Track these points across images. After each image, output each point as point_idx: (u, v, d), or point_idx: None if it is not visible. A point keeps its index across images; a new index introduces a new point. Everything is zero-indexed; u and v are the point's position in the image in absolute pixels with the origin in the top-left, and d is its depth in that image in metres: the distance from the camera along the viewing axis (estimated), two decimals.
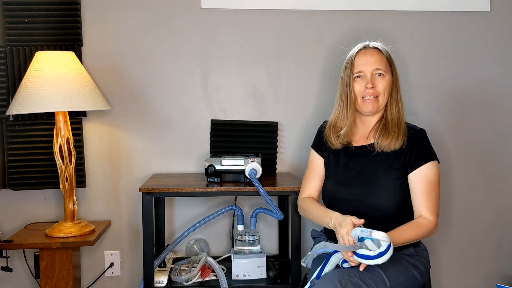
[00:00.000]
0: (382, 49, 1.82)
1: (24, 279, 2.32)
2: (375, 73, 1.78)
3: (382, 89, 1.78)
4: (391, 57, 1.83)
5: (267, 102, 2.35)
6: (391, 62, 1.82)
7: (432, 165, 1.75)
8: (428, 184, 1.74)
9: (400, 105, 1.82)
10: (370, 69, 1.78)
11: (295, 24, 2.33)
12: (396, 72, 1.82)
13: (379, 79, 1.78)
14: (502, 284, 2.15)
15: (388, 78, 1.79)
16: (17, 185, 2.25)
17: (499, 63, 2.40)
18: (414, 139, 1.77)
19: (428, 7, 2.34)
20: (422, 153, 1.76)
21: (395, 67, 1.82)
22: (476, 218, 2.46)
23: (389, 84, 1.79)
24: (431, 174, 1.75)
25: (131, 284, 2.38)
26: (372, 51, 1.81)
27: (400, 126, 1.78)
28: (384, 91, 1.78)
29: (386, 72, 1.78)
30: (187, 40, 2.31)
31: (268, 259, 2.19)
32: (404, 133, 1.77)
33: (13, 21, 2.20)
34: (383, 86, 1.78)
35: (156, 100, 2.32)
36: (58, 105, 1.92)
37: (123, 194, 2.34)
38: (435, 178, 1.75)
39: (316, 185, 1.93)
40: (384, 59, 1.80)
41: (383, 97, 1.79)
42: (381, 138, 1.78)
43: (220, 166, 2.06)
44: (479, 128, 2.42)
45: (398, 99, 1.81)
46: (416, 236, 1.71)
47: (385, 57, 1.80)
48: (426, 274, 1.79)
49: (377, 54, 1.80)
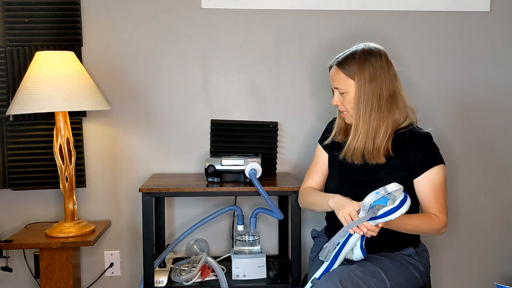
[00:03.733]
0: (343, 66, 1.72)
1: (24, 279, 2.32)
2: (338, 91, 1.76)
3: (347, 106, 1.74)
4: (358, 68, 1.69)
5: (267, 102, 2.35)
6: (354, 76, 1.70)
7: (439, 169, 1.73)
8: (435, 187, 1.72)
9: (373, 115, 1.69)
10: (333, 87, 1.79)
11: (295, 24, 2.33)
12: (363, 83, 1.69)
13: (342, 97, 1.75)
14: (502, 284, 2.15)
15: (351, 94, 1.72)
16: (17, 185, 2.25)
17: (499, 63, 2.40)
18: (418, 143, 1.73)
19: (428, 7, 2.34)
20: (427, 157, 1.73)
21: (362, 78, 1.69)
22: (476, 218, 2.46)
23: (352, 99, 1.72)
24: (437, 178, 1.73)
25: (131, 284, 2.38)
26: (334, 68, 1.77)
27: (366, 135, 1.70)
28: (349, 108, 1.74)
29: (346, 89, 1.72)
30: (187, 40, 2.31)
31: (268, 259, 2.19)
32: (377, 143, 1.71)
33: (13, 21, 2.20)
34: (347, 104, 1.74)
35: (156, 100, 2.32)
36: (58, 105, 1.92)
37: (123, 194, 2.34)
38: (442, 181, 1.73)
39: (319, 179, 1.93)
40: (342, 77, 1.72)
41: (351, 111, 1.74)
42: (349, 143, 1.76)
43: (220, 166, 2.06)
44: (478, 128, 2.42)
45: (368, 110, 1.69)
46: (424, 226, 1.70)
47: (343, 74, 1.72)
48: (426, 274, 1.79)
49: (335, 73, 1.75)
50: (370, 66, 1.70)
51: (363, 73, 1.70)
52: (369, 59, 1.70)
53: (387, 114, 1.71)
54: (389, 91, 1.71)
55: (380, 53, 1.73)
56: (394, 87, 1.73)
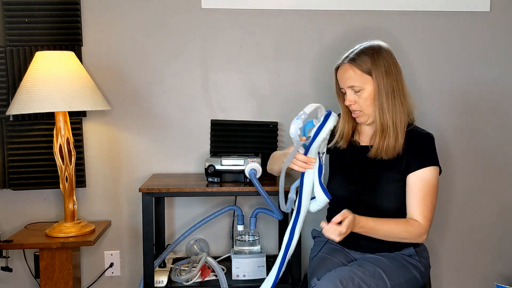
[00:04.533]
0: (356, 62, 1.70)
1: (24, 279, 2.32)
2: (352, 90, 1.72)
3: (363, 104, 1.71)
4: (373, 63, 1.69)
5: (267, 102, 2.35)
6: (371, 71, 1.69)
7: (433, 170, 1.71)
8: (425, 188, 1.70)
9: (395, 109, 1.69)
10: (346, 86, 1.73)
11: (295, 24, 2.33)
12: (381, 77, 1.68)
13: (357, 95, 1.72)
14: (502, 284, 2.15)
15: (368, 91, 1.69)
16: (17, 185, 2.25)
17: (499, 63, 2.40)
18: (418, 142, 1.73)
19: (428, 7, 2.34)
20: (424, 156, 1.72)
21: (379, 72, 1.69)
22: (476, 218, 2.46)
23: (369, 96, 1.70)
24: (430, 178, 1.70)
25: (131, 284, 2.38)
26: (345, 67, 1.72)
27: (396, 130, 1.70)
28: (365, 106, 1.71)
29: (362, 86, 1.69)
30: (187, 40, 2.31)
31: (268, 259, 2.19)
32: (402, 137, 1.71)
33: (13, 21, 2.20)
34: (363, 102, 1.71)
35: (156, 100, 2.32)
36: (58, 105, 1.92)
37: (123, 194, 2.34)
38: (433, 183, 1.71)
39: None
40: (357, 73, 1.69)
41: (367, 110, 1.72)
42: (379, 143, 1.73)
43: (220, 166, 2.06)
44: (478, 128, 2.42)
45: (390, 104, 1.69)
46: (400, 230, 1.67)
47: (359, 70, 1.69)
48: (426, 274, 1.79)
49: (350, 70, 1.71)
50: (384, 60, 1.70)
51: (379, 67, 1.69)
52: (381, 53, 1.71)
53: (403, 108, 1.71)
54: (401, 86, 1.72)
55: (388, 48, 1.75)
56: (403, 82, 1.74)
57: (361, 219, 1.62)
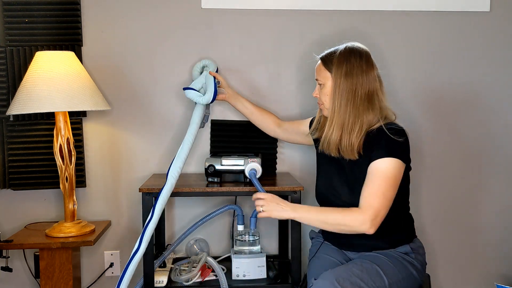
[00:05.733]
0: (324, 59, 1.80)
1: (24, 279, 2.32)
2: (318, 84, 1.83)
3: (323, 98, 1.80)
4: (336, 63, 1.74)
5: (267, 102, 2.35)
6: (331, 69, 1.75)
7: (393, 161, 1.67)
8: (380, 177, 1.66)
9: (347, 110, 1.72)
10: (315, 79, 1.84)
11: (295, 24, 2.33)
12: (339, 78, 1.73)
13: (321, 89, 1.81)
14: (502, 284, 2.15)
15: (327, 87, 1.78)
16: (17, 185, 2.25)
17: (499, 63, 2.40)
18: (384, 135, 1.70)
19: (428, 7, 2.34)
20: (386, 147, 1.68)
21: (338, 73, 1.73)
22: (476, 218, 2.46)
23: (327, 92, 1.78)
24: (388, 169, 1.66)
25: (131, 284, 2.37)
26: (319, 62, 1.83)
27: (341, 130, 1.73)
28: (325, 100, 1.80)
29: (323, 81, 1.79)
30: (187, 40, 2.31)
31: (268, 259, 2.18)
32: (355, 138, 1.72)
33: (13, 21, 2.20)
34: (323, 96, 1.80)
35: (156, 100, 2.32)
36: (58, 105, 1.92)
37: (123, 194, 2.34)
38: (391, 175, 1.66)
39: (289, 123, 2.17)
40: (322, 69, 1.79)
41: (327, 104, 1.79)
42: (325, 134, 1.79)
43: (220, 166, 2.06)
44: (479, 128, 2.42)
45: (343, 104, 1.72)
46: (335, 218, 1.69)
47: (323, 67, 1.79)
48: (422, 271, 1.79)
49: (318, 65, 1.83)
50: (348, 63, 1.74)
51: (340, 68, 1.74)
52: (348, 57, 1.75)
53: (361, 113, 1.72)
54: (365, 91, 1.72)
55: (362, 53, 1.76)
56: (371, 88, 1.73)
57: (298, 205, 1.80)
